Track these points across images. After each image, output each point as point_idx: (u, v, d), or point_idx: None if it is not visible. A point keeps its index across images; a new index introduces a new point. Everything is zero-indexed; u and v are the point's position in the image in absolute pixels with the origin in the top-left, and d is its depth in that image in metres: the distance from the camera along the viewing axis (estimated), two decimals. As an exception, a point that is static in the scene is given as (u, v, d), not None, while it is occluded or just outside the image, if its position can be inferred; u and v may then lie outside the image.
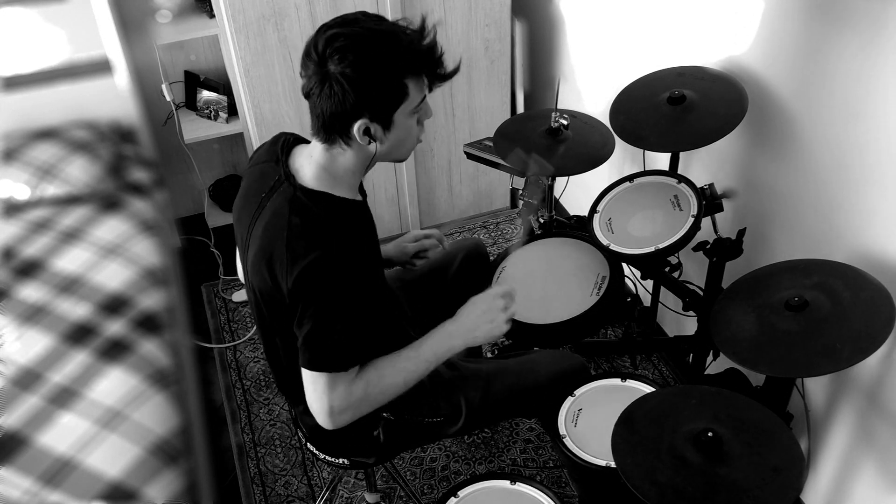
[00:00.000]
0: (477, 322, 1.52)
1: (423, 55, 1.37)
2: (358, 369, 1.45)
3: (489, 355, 2.45)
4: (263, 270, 1.42)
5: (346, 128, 1.37)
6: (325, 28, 1.34)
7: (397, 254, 1.84)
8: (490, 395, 1.68)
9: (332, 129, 1.38)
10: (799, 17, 1.68)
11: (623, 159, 2.47)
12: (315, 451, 1.74)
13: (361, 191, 1.56)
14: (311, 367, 1.41)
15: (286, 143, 1.53)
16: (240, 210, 1.55)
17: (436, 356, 1.51)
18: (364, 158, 1.44)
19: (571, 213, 2.87)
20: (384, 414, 1.63)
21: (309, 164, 1.45)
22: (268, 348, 1.63)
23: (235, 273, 2.91)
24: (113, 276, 2.10)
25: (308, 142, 1.51)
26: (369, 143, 1.40)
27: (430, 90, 1.42)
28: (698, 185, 1.89)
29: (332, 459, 1.73)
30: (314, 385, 1.43)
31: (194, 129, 2.94)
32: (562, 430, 1.63)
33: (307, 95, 1.38)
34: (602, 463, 1.55)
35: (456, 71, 1.43)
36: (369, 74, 1.31)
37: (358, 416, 1.47)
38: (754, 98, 1.82)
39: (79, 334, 1.94)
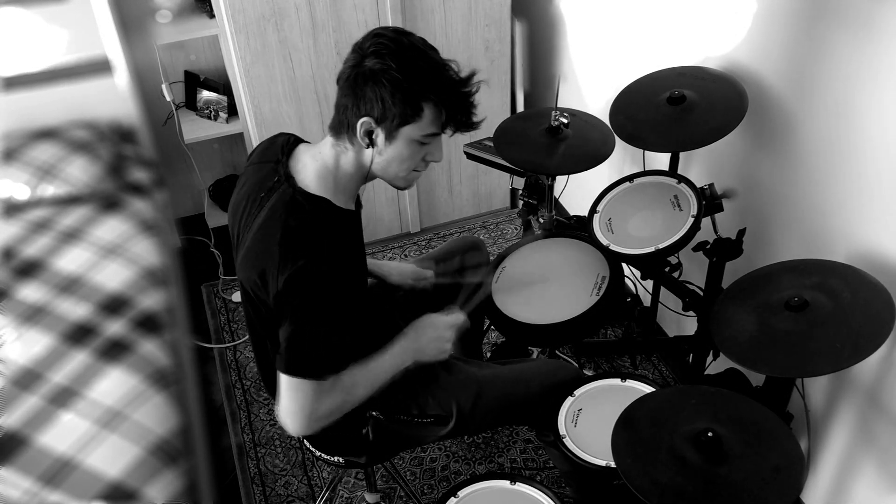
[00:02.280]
0: (426, 345, 1.58)
1: (454, 93, 1.39)
2: (334, 378, 1.46)
3: (488, 354, 2.45)
4: (252, 269, 1.42)
5: (353, 122, 1.38)
6: (379, 31, 1.38)
7: (398, 277, 1.85)
8: (481, 403, 1.67)
9: (343, 119, 1.40)
10: (799, 17, 1.68)
11: (623, 159, 2.47)
12: (311, 448, 1.74)
13: (357, 201, 1.56)
14: (290, 373, 1.41)
15: (287, 143, 1.53)
16: (236, 208, 1.55)
17: (392, 369, 1.55)
18: (362, 164, 1.45)
19: (571, 213, 2.87)
20: (373, 413, 1.64)
21: (312, 164, 1.46)
22: (257, 348, 1.64)
23: (235, 273, 2.91)
24: (113, 276, 2.10)
25: (308, 143, 1.51)
26: (368, 146, 1.40)
27: (444, 129, 1.43)
28: (698, 185, 1.89)
29: (328, 458, 1.73)
30: (292, 391, 1.42)
31: (194, 129, 2.94)
32: (562, 431, 1.63)
33: (337, 82, 1.41)
34: (602, 463, 1.55)
35: (476, 125, 1.45)
36: (395, 79, 1.33)
37: (330, 422, 1.48)
38: (754, 98, 1.82)
39: (79, 334, 1.94)
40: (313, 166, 1.45)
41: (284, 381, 1.42)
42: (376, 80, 1.34)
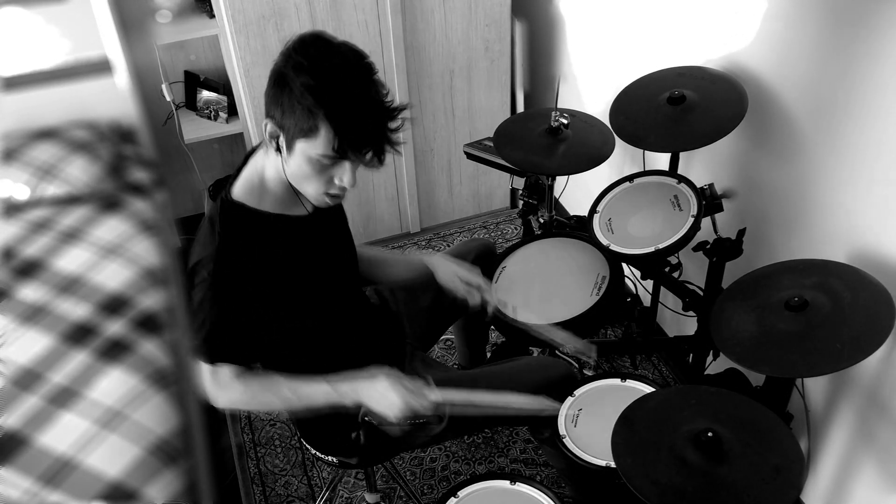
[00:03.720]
0: (378, 399, 1.47)
1: (357, 121, 1.29)
2: (238, 369, 1.48)
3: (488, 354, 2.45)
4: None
5: (266, 120, 1.37)
6: (317, 34, 1.33)
7: (448, 280, 1.76)
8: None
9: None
10: (799, 17, 1.69)
11: (623, 159, 2.47)
12: (308, 445, 1.75)
13: (333, 205, 1.49)
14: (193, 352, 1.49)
15: (254, 149, 1.53)
16: None
17: (329, 400, 1.49)
18: (280, 171, 1.42)
19: (571, 213, 2.87)
20: (365, 418, 1.63)
21: (248, 170, 1.48)
22: None
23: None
24: (113, 276, 2.10)
25: None
26: (276, 149, 1.37)
27: (339, 154, 1.31)
28: (698, 185, 1.89)
29: (323, 456, 1.74)
30: (201, 368, 1.50)
31: (194, 129, 2.94)
32: (562, 431, 1.63)
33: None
34: (602, 463, 1.55)
35: (374, 162, 1.35)
36: (299, 89, 1.27)
37: (237, 408, 1.58)
38: (754, 98, 1.82)
39: (79, 334, 1.94)
40: (246, 172, 1.48)
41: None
42: (283, 84, 1.29)
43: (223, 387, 1.48)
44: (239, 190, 1.46)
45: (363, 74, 1.31)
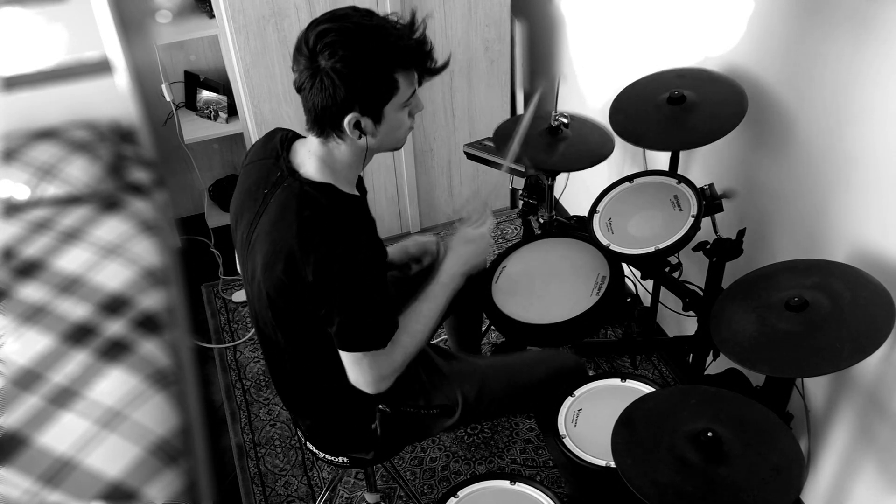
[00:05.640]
0: (471, 259, 1.65)
1: (412, 50, 1.37)
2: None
3: (488, 354, 2.45)
4: (279, 268, 1.42)
5: (337, 122, 1.38)
6: (315, 23, 1.36)
7: (398, 255, 1.85)
8: (486, 391, 1.69)
9: (323, 123, 1.40)
10: (799, 18, 1.69)
11: (623, 159, 2.47)
12: (315, 450, 1.74)
13: (361, 187, 1.57)
14: (352, 349, 1.47)
15: (285, 138, 1.53)
16: (239, 208, 1.55)
17: (444, 294, 1.62)
18: (358, 152, 1.45)
19: (571, 213, 2.87)
20: (380, 406, 1.64)
21: (310, 157, 1.46)
22: (268, 351, 1.63)
23: (235, 273, 2.91)
24: (113, 276, 2.10)
25: (304, 137, 1.51)
26: (360, 136, 1.41)
27: (420, 84, 1.43)
28: (698, 185, 1.89)
29: (332, 458, 1.73)
30: (357, 365, 1.49)
31: (194, 129, 2.94)
32: (562, 430, 1.63)
33: (299, 90, 1.40)
34: (602, 463, 1.55)
35: (446, 65, 1.44)
36: (359, 69, 1.33)
37: (408, 360, 1.55)
38: (754, 98, 1.82)
39: (79, 334, 1.94)
40: (312, 159, 1.46)
41: (347, 357, 1.49)
42: (342, 77, 1.32)
43: (390, 352, 1.50)
44: (318, 175, 1.45)
45: (374, 16, 1.38)
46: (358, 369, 1.49)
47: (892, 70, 1.47)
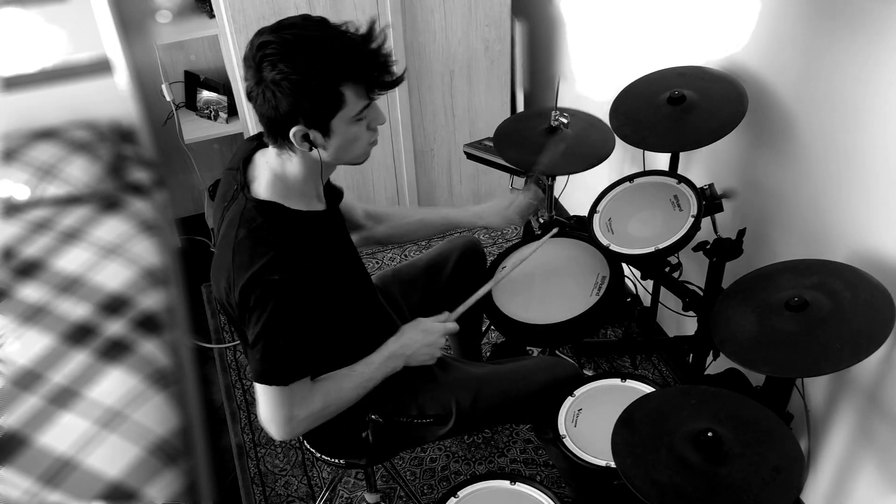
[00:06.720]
0: (417, 350, 1.59)
1: (361, 62, 1.32)
2: (311, 381, 1.46)
3: (488, 353, 2.45)
4: (222, 286, 1.42)
5: (284, 133, 1.35)
6: (260, 33, 1.34)
7: (500, 220, 1.91)
8: (481, 400, 1.68)
9: (273, 133, 1.38)
10: (799, 17, 1.68)
11: (623, 159, 2.47)
12: (312, 449, 1.74)
13: (334, 195, 1.55)
14: (260, 381, 1.42)
15: (248, 149, 1.51)
16: (211, 218, 1.56)
17: (381, 374, 1.57)
18: (312, 165, 1.42)
19: (571, 213, 2.87)
20: (372, 416, 1.64)
21: (265, 171, 1.45)
22: None
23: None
24: (113, 276, 2.10)
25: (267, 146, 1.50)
26: (310, 149, 1.38)
27: (371, 98, 1.37)
28: (698, 185, 1.89)
29: (329, 459, 1.73)
30: (265, 398, 1.43)
31: (194, 129, 2.94)
32: (562, 430, 1.63)
33: (249, 99, 1.37)
34: (602, 463, 1.55)
35: (400, 80, 1.38)
36: (299, 82, 1.28)
37: (314, 426, 1.49)
38: (754, 98, 1.82)
39: (79, 334, 1.94)
40: (265, 174, 1.44)
41: (258, 388, 1.44)
42: (283, 89, 1.29)
43: (300, 402, 1.44)
44: (266, 191, 1.42)
45: (324, 26, 1.34)
46: (264, 405, 1.43)
47: (893, 70, 1.47)
